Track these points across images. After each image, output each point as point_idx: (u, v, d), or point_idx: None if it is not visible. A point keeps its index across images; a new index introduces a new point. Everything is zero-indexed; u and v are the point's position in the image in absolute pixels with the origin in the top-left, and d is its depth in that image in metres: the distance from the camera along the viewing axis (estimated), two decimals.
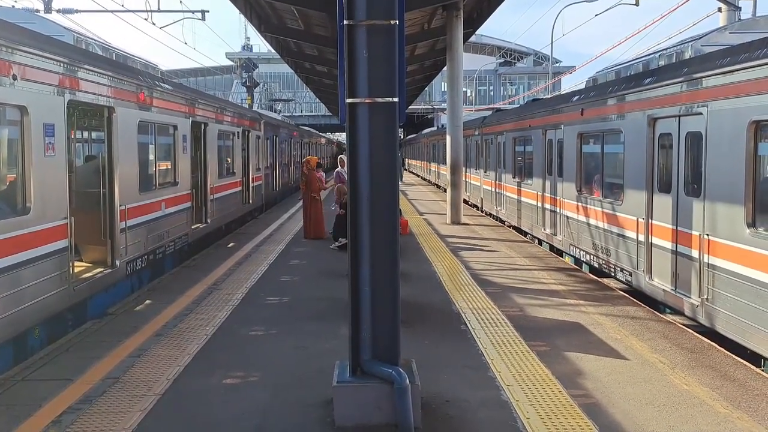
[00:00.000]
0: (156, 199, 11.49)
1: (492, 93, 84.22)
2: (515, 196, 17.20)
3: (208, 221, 14.93)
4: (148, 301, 9.27)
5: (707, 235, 7.73)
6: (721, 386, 5.99)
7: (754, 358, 6.96)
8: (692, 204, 8.17)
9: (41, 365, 6.62)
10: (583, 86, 22.84)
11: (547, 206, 14.27)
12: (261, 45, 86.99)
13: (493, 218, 20.00)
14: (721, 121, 7.49)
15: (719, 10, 21.47)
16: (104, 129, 9.78)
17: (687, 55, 18.79)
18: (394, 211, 5.32)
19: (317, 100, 55.95)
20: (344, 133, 5.59)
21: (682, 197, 8.48)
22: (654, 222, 9.23)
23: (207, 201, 14.88)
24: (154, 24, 26.43)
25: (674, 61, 17.06)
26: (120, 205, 9.74)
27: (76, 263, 8.82)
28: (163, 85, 12.30)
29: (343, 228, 12.96)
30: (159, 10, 26.24)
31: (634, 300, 9.36)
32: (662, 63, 18.91)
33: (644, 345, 7.19)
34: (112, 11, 27.80)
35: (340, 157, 15.20)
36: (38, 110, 7.42)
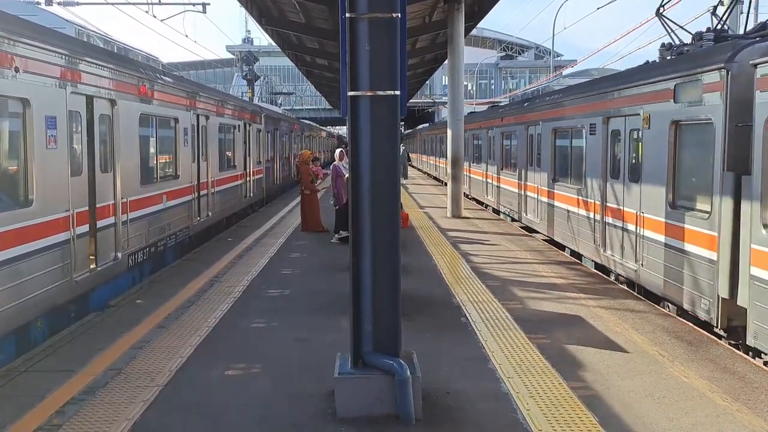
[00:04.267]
0: (157, 192, 11.50)
1: (493, 87, 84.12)
2: (476, 177, 23.19)
3: (209, 214, 14.95)
4: (149, 294, 9.30)
5: (525, 192, 15.00)
6: (721, 379, 6.03)
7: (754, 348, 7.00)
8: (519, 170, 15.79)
9: (44, 357, 6.65)
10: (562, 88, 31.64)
11: (489, 182, 20.72)
12: (262, 38, 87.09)
13: (465, 196, 24.95)
14: (541, 131, 14.38)
15: (720, 2, 21.36)
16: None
17: (546, 90, 31.63)
18: (395, 204, 5.34)
19: (318, 93, 55.82)
20: (345, 127, 5.59)
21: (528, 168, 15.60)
22: (502, 185, 17.07)
23: (208, 194, 14.91)
24: (155, 17, 26.37)
25: (540, 93, 28.63)
26: (121, 198, 9.76)
27: None
28: (164, 77, 12.30)
29: (343, 221, 12.98)
30: (160, 3, 26.14)
31: (634, 293, 9.41)
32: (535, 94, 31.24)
33: (644, 338, 7.22)
34: (113, 3, 27.61)
35: (339, 151, 14.86)
36: (40, 103, 7.43)
